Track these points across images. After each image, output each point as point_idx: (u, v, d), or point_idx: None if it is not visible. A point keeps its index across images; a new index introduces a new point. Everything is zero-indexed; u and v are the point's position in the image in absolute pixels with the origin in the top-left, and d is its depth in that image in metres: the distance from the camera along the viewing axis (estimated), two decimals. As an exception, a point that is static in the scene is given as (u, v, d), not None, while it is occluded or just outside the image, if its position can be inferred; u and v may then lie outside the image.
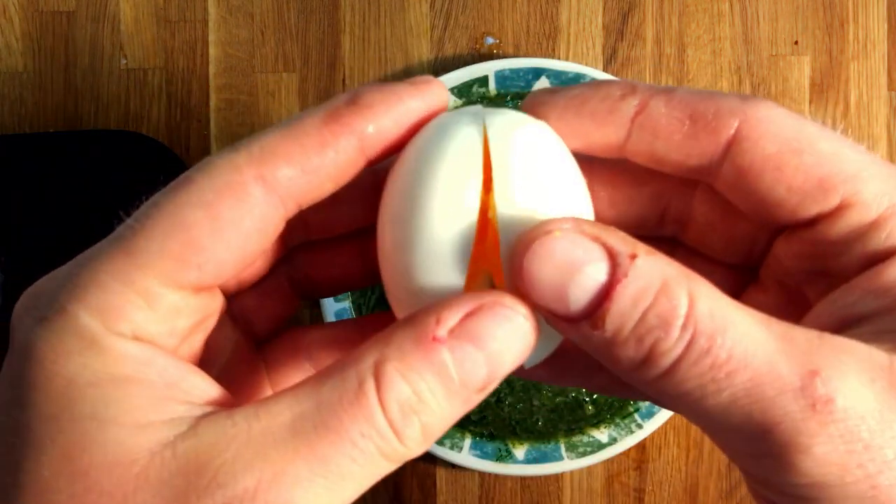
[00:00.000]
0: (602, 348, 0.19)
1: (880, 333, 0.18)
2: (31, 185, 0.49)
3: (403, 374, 0.18)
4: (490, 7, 0.50)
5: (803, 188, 0.20)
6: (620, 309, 0.18)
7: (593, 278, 0.18)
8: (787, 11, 0.50)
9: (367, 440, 0.17)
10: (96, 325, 0.18)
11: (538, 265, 0.18)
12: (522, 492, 0.50)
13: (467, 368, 0.18)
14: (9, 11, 0.50)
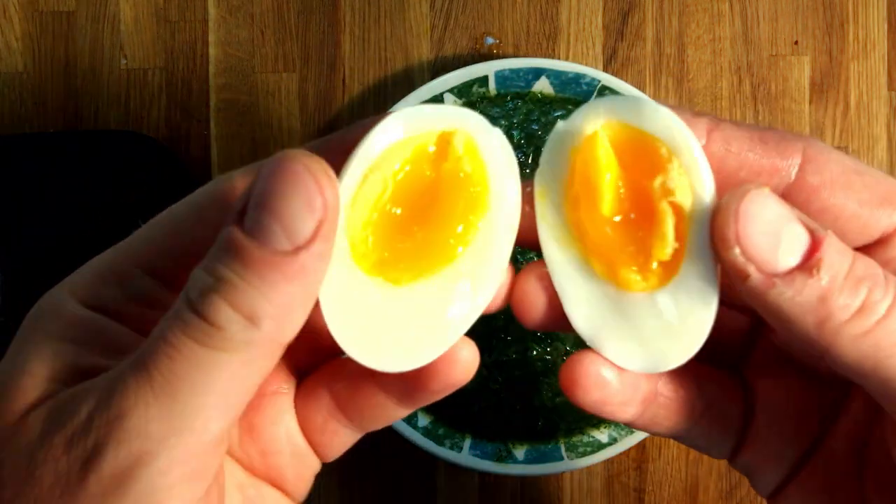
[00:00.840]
0: (810, 301, 0.19)
1: None
2: (31, 185, 0.49)
3: (204, 267, 0.19)
4: (490, 7, 0.50)
5: (871, 202, 0.21)
6: (833, 258, 0.19)
7: (799, 235, 0.19)
8: (787, 11, 0.50)
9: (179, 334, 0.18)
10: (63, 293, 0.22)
11: (751, 219, 0.19)
12: (522, 492, 0.50)
13: (255, 227, 0.18)
14: (9, 11, 0.51)
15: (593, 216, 0.22)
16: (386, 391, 0.24)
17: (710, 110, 0.50)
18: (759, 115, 0.50)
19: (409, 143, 0.21)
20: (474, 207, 0.22)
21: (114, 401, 0.18)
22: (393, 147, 0.21)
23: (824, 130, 0.50)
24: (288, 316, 0.19)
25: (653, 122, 0.22)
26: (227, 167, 0.50)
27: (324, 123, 0.50)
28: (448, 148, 0.21)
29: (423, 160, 0.21)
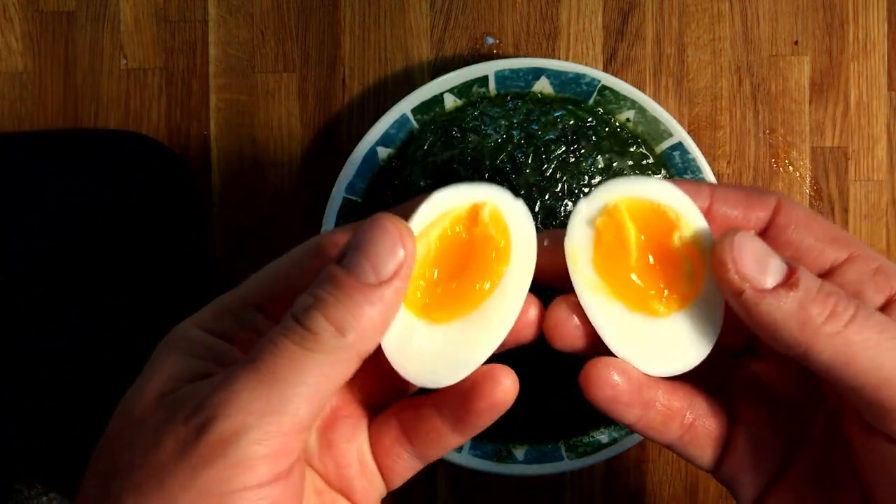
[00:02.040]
0: (791, 307, 0.25)
1: None
2: (31, 185, 0.49)
3: (307, 291, 0.25)
4: (490, 7, 0.50)
5: (823, 240, 0.28)
6: (807, 279, 0.26)
7: (779, 264, 0.26)
8: (787, 11, 0.50)
9: (283, 338, 0.24)
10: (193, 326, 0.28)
11: (743, 245, 0.26)
12: (522, 492, 0.50)
13: (353, 264, 0.25)
14: (9, 11, 0.51)
15: (622, 267, 0.28)
16: (442, 416, 0.29)
17: (710, 110, 0.50)
18: (759, 115, 0.50)
19: (448, 213, 0.28)
20: (499, 261, 0.28)
21: (226, 385, 0.23)
22: (437, 218, 0.28)
23: (824, 130, 0.50)
24: (368, 333, 0.25)
25: (659, 194, 0.28)
26: (227, 167, 0.50)
27: (324, 123, 0.50)
28: (478, 216, 0.28)
29: (460, 225, 0.28)
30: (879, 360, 0.25)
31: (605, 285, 0.28)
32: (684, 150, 0.47)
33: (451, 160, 0.47)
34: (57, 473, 0.48)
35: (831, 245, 0.29)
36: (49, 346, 0.49)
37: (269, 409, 0.23)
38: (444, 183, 0.31)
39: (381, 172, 0.47)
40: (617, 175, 0.47)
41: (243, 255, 0.50)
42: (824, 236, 0.29)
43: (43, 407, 0.49)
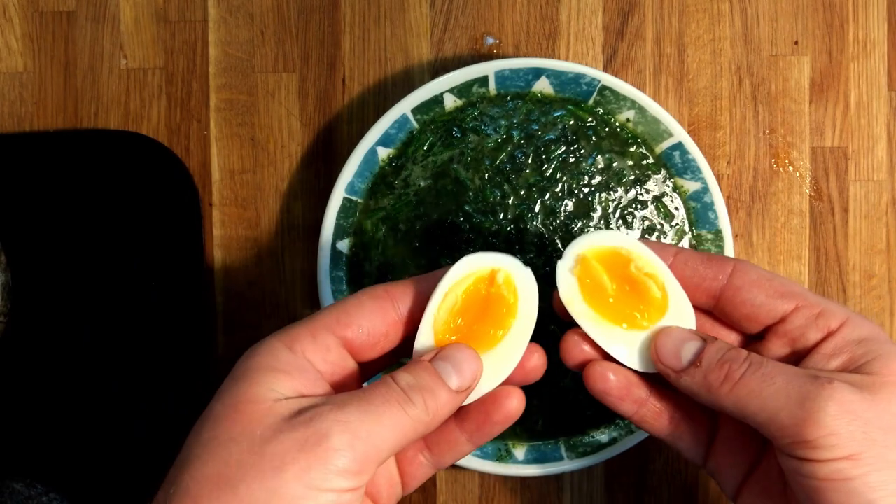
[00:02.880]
0: (698, 379, 0.35)
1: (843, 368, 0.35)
2: (31, 184, 0.49)
3: (406, 370, 0.34)
4: (490, 7, 0.50)
5: (773, 297, 0.36)
6: (711, 354, 0.35)
7: (693, 346, 0.35)
8: (787, 11, 0.50)
9: (390, 395, 0.32)
10: (281, 345, 0.34)
11: (663, 342, 0.36)
12: (522, 492, 0.50)
13: (444, 371, 0.34)
14: (9, 11, 0.50)
15: (604, 299, 0.37)
16: (461, 427, 0.37)
17: (710, 110, 0.50)
18: (759, 115, 0.50)
19: (471, 275, 0.36)
20: (509, 314, 0.36)
21: (343, 411, 0.31)
22: (463, 277, 0.36)
23: (824, 130, 0.50)
24: (442, 417, 0.34)
25: (610, 241, 0.37)
26: (227, 167, 0.50)
27: (324, 123, 0.50)
28: (494, 279, 0.36)
29: (480, 285, 0.36)
30: (762, 404, 0.33)
31: (598, 314, 0.37)
32: (684, 150, 0.47)
33: (451, 160, 0.47)
34: (57, 473, 0.48)
35: (781, 299, 0.36)
36: (48, 345, 0.49)
37: (369, 440, 0.31)
38: (442, 182, 0.43)
39: (382, 172, 0.47)
40: (617, 175, 0.47)
41: (243, 255, 0.50)
42: (774, 293, 0.36)
43: (43, 406, 0.49)
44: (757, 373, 0.34)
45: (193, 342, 0.49)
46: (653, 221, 0.47)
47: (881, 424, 0.32)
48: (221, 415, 0.32)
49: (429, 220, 0.47)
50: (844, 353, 0.34)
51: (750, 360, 0.34)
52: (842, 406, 0.32)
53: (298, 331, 0.34)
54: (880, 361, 0.33)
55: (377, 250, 0.47)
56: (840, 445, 0.32)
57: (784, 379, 0.33)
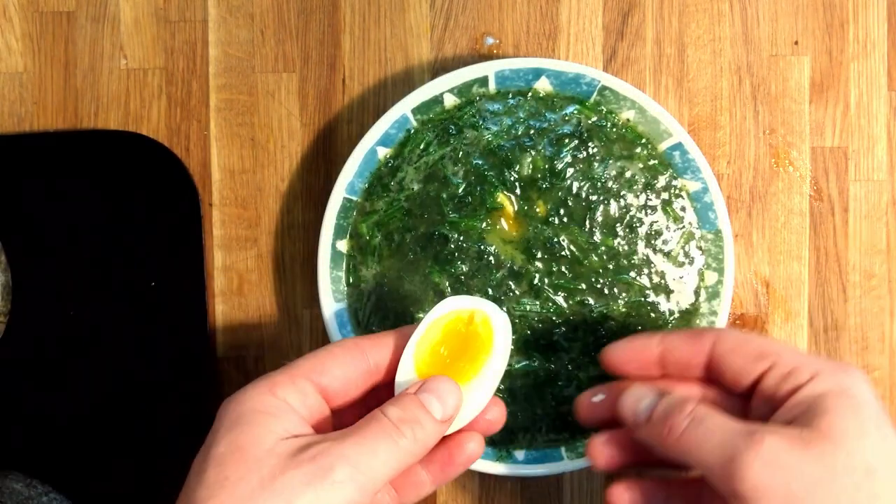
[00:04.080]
0: (650, 432, 0.38)
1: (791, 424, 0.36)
2: (31, 184, 0.49)
3: (395, 403, 0.37)
4: (490, 7, 0.50)
5: (749, 358, 0.38)
6: (659, 411, 0.38)
7: (646, 402, 0.38)
8: (787, 11, 0.50)
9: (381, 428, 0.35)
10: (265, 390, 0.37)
11: (624, 399, 0.39)
12: (522, 492, 0.50)
13: (429, 402, 0.37)
14: (9, 11, 0.50)
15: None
16: (427, 469, 0.40)
17: (710, 110, 0.50)
18: (759, 116, 0.50)
19: (452, 314, 0.40)
20: (484, 350, 0.39)
21: (342, 446, 0.34)
22: (443, 316, 0.40)
23: (824, 130, 0.50)
24: (430, 443, 0.37)
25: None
26: (227, 167, 0.50)
27: (324, 123, 0.50)
28: (472, 319, 0.40)
29: (460, 324, 0.40)
30: (701, 458, 0.36)
31: None
32: (684, 150, 0.47)
33: (443, 158, 0.47)
34: (57, 473, 0.48)
35: (756, 362, 0.38)
36: (48, 345, 0.49)
37: (368, 472, 0.34)
38: (429, 187, 0.46)
39: (379, 173, 0.47)
40: (629, 183, 0.47)
41: (243, 255, 0.50)
42: (750, 356, 0.38)
43: (43, 406, 0.49)
44: (698, 428, 0.36)
45: (193, 342, 0.49)
46: (660, 226, 0.47)
47: (807, 479, 0.34)
48: (227, 457, 0.34)
49: (416, 233, 0.47)
50: (802, 406, 0.36)
51: (693, 415, 0.37)
52: (768, 462, 0.34)
53: (278, 378, 0.37)
54: (826, 416, 0.35)
55: (373, 257, 0.47)
56: (762, 499, 0.34)
57: (720, 434, 0.35)
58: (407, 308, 0.47)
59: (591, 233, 0.47)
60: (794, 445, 0.34)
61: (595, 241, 0.47)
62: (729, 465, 0.34)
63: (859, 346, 0.50)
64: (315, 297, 0.48)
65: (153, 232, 0.49)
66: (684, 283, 0.47)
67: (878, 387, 0.50)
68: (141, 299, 0.49)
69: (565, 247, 0.47)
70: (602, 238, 0.47)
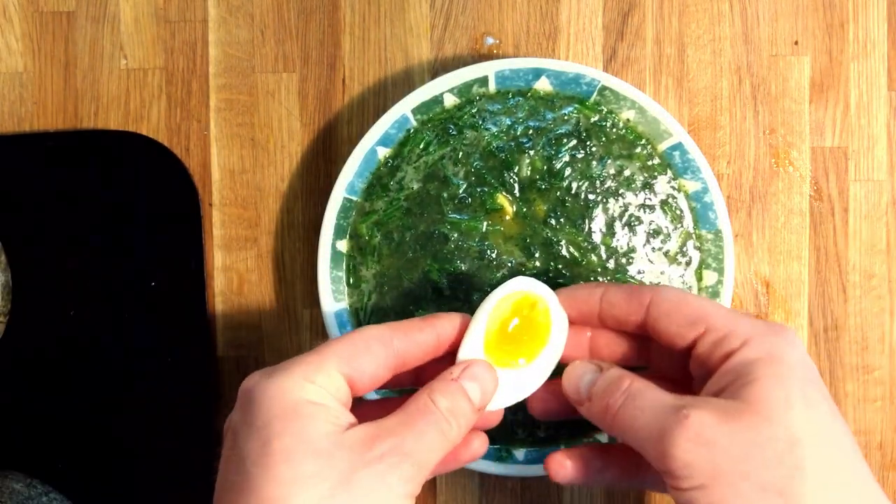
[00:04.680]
0: (591, 410, 0.38)
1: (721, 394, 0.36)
2: (31, 184, 0.49)
3: (442, 393, 0.37)
4: (490, 7, 0.50)
5: (684, 323, 0.38)
6: (597, 389, 0.38)
7: (588, 379, 0.39)
8: (787, 11, 0.50)
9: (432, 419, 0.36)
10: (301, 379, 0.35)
11: (566, 376, 0.39)
12: (522, 492, 0.50)
13: (472, 391, 0.37)
14: (9, 11, 0.51)
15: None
16: None
17: (710, 110, 0.50)
18: (759, 116, 0.50)
19: (520, 294, 0.40)
20: (541, 339, 0.40)
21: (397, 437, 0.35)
22: (513, 293, 0.40)
23: (824, 130, 0.50)
24: (467, 426, 0.37)
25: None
26: (227, 167, 0.50)
27: (324, 123, 0.50)
28: (536, 306, 0.40)
29: (525, 306, 0.40)
30: (635, 435, 0.36)
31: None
32: (684, 150, 0.47)
33: (443, 157, 0.47)
34: (57, 473, 0.48)
35: (689, 327, 0.38)
36: (48, 345, 0.49)
37: (426, 464, 0.35)
38: (429, 186, 0.47)
39: (378, 173, 0.47)
40: (627, 181, 0.47)
41: (243, 255, 0.50)
42: (684, 321, 0.38)
43: (43, 406, 0.49)
44: (631, 405, 0.36)
45: (193, 342, 0.49)
46: (659, 225, 0.47)
47: (734, 453, 0.34)
48: (296, 452, 0.33)
49: (416, 232, 0.47)
50: (732, 374, 0.36)
51: (628, 392, 0.37)
52: (693, 437, 0.34)
53: (311, 365, 0.36)
54: (753, 386, 0.35)
55: (373, 257, 0.47)
56: (692, 476, 0.34)
57: (651, 412, 0.36)
58: (406, 307, 0.47)
59: (589, 233, 0.47)
60: (720, 419, 0.34)
61: (594, 241, 0.47)
62: (659, 443, 0.34)
63: (859, 346, 0.50)
64: (315, 297, 0.48)
65: (153, 232, 0.49)
66: (684, 282, 0.47)
67: (877, 387, 0.50)
68: (141, 299, 0.49)
69: (564, 247, 0.47)
70: (601, 238, 0.47)
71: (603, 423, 0.37)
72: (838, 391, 0.50)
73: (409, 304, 0.47)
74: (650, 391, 0.36)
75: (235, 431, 0.35)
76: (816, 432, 0.34)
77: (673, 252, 0.47)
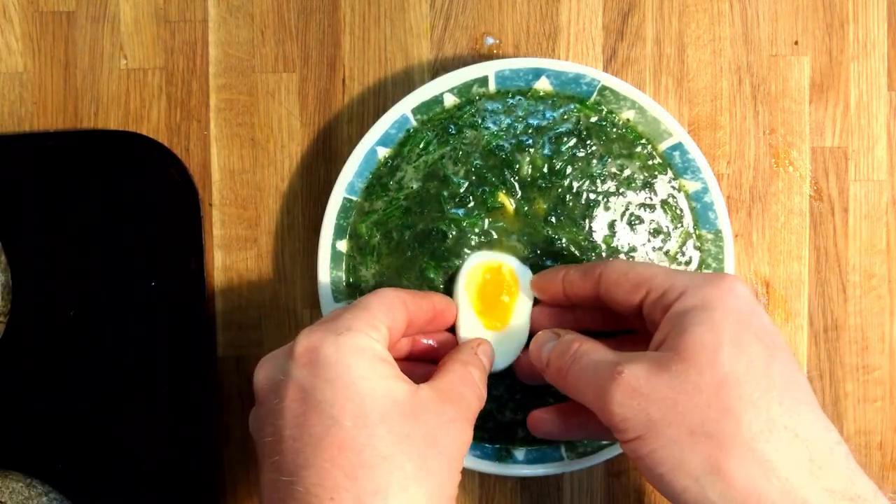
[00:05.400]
0: (551, 375, 0.41)
1: (660, 346, 0.37)
2: (31, 184, 0.49)
3: (474, 364, 0.41)
4: (490, 7, 0.50)
5: (629, 289, 0.40)
6: (553, 354, 0.41)
7: (548, 346, 0.41)
8: (787, 11, 0.50)
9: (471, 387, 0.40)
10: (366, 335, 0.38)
11: (532, 345, 0.42)
12: (522, 492, 0.50)
13: (486, 364, 0.42)
14: (9, 11, 0.51)
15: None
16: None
17: (710, 110, 0.50)
18: (759, 116, 0.50)
19: (480, 266, 0.46)
20: (511, 298, 0.45)
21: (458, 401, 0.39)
22: (478, 265, 0.46)
23: (824, 130, 0.50)
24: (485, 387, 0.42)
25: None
26: (227, 167, 0.50)
27: (324, 123, 0.50)
28: (500, 269, 0.46)
29: (491, 272, 0.46)
30: (582, 395, 0.38)
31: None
32: (684, 150, 0.47)
33: (442, 157, 0.47)
34: (57, 473, 0.48)
35: (634, 291, 0.40)
36: (48, 345, 0.49)
37: (472, 417, 0.39)
38: (429, 185, 0.47)
39: (378, 173, 0.47)
40: (628, 181, 0.47)
41: (243, 255, 0.50)
42: (630, 287, 0.40)
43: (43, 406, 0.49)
44: (577, 366, 0.38)
45: (193, 342, 0.49)
46: (659, 225, 0.47)
47: (665, 402, 0.35)
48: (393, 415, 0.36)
49: (415, 230, 0.47)
50: (668, 326, 0.37)
51: (574, 355, 0.39)
52: (627, 392, 0.35)
53: (367, 321, 0.38)
54: (685, 335, 0.36)
55: (372, 257, 0.47)
56: (630, 429, 0.36)
57: (592, 371, 0.37)
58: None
59: (590, 231, 0.47)
60: (652, 370, 0.35)
61: (594, 240, 0.47)
62: (600, 399, 0.36)
63: (859, 346, 0.50)
64: (315, 297, 0.48)
65: (153, 232, 0.49)
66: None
67: (877, 387, 0.50)
68: (141, 299, 0.49)
69: (564, 245, 0.47)
70: (602, 237, 0.47)
71: (559, 385, 0.40)
72: (838, 391, 0.50)
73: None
74: (595, 352, 0.38)
75: (308, 389, 0.36)
76: (747, 372, 0.35)
77: (673, 251, 0.47)
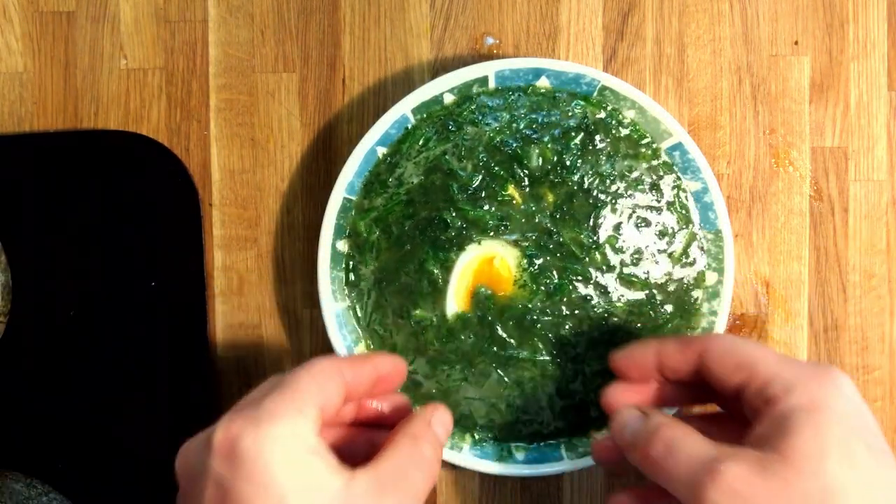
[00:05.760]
0: (635, 457, 0.38)
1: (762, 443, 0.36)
2: (31, 184, 0.49)
3: (428, 441, 0.39)
4: (490, 7, 0.50)
5: (732, 369, 0.38)
6: (640, 438, 0.38)
7: (632, 427, 0.39)
8: (787, 11, 0.50)
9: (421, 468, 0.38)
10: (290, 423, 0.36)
11: (614, 422, 0.40)
12: (522, 492, 0.50)
13: (441, 437, 0.40)
14: (9, 11, 0.50)
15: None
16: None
17: (710, 110, 0.50)
18: (759, 116, 0.50)
19: (482, 255, 0.47)
20: (504, 286, 0.47)
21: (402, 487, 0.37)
22: (476, 255, 0.47)
23: (824, 130, 0.50)
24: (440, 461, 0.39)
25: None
26: (227, 167, 0.50)
27: (324, 123, 0.50)
28: (493, 260, 0.46)
29: (484, 264, 0.47)
30: (673, 487, 0.36)
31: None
32: (684, 150, 0.47)
33: (444, 153, 0.47)
34: (57, 473, 0.48)
35: (734, 373, 0.38)
36: (48, 345, 0.49)
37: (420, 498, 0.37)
38: (432, 177, 0.47)
39: (377, 170, 0.47)
40: (635, 182, 0.47)
41: (243, 255, 0.50)
42: (732, 367, 0.39)
43: (43, 406, 0.49)
44: (669, 457, 0.37)
45: (193, 342, 0.49)
46: (665, 226, 0.47)
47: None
48: None
49: (416, 219, 0.47)
50: (772, 424, 0.36)
51: (666, 442, 0.37)
52: (726, 492, 0.34)
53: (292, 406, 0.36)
54: (790, 437, 0.34)
55: (371, 254, 0.47)
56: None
57: (686, 463, 0.36)
58: (403, 303, 0.47)
59: (594, 230, 0.47)
60: (754, 472, 0.34)
61: (597, 240, 0.47)
62: (692, 497, 0.35)
63: (859, 346, 0.50)
64: (315, 297, 0.48)
65: (153, 232, 0.49)
66: (685, 282, 0.47)
67: (877, 387, 0.50)
68: (141, 299, 0.49)
69: (569, 242, 0.47)
70: (606, 236, 0.47)
71: (644, 469, 0.38)
72: (838, 391, 0.50)
73: (406, 300, 0.47)
74: (688, 441, 0.37)
75: (226, 488, 0.34)
76: (855, 483, 0.34)
77: (678, 253, 0.47)
